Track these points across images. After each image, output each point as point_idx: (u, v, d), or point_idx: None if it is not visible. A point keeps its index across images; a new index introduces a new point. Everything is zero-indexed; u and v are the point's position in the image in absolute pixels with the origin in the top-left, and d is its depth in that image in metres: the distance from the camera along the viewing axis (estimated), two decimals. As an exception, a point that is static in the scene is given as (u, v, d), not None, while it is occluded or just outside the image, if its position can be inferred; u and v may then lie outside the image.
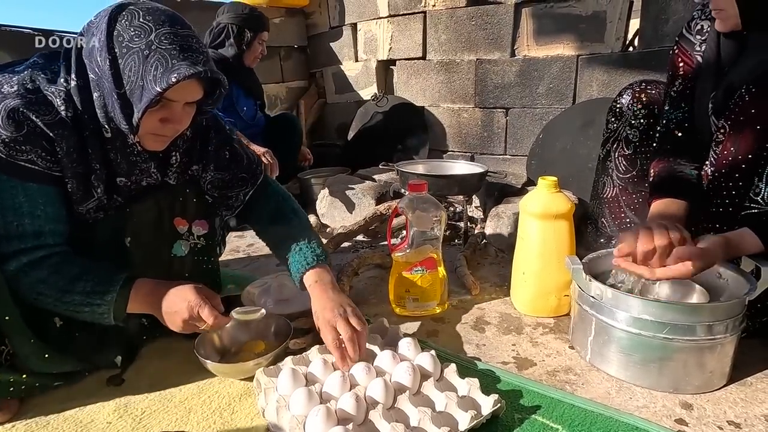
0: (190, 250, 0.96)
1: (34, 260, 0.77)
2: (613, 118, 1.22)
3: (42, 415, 0.79)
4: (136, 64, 0.72)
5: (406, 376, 0.79)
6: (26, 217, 0.76)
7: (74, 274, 0.78)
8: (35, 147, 0.74)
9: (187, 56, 0.73)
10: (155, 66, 0.71)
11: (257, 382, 0.82)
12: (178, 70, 0.71)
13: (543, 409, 0.78)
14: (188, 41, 0.75)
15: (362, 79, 2.59)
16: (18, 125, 0.72)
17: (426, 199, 1.09)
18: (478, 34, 2.11)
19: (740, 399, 0.81)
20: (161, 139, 0.82)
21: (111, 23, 0.73)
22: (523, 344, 0.99)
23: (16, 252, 0.76)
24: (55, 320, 0.84)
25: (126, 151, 0.82)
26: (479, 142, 2.23)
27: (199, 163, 0.95)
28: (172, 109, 0.77)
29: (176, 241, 0.94)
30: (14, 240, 0.76)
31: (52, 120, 0.74)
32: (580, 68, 1.90)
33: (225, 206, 1.04)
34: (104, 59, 0.73)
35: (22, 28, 1.69)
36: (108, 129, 0.78)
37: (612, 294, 0.85)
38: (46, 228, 0.79)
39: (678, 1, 1.65)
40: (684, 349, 0.80)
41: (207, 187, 0.99)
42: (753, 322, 0.92)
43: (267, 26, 1.88)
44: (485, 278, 1.32)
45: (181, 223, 0.93)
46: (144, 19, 0.73)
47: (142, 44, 0.72)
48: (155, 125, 0.78)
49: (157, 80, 0.71)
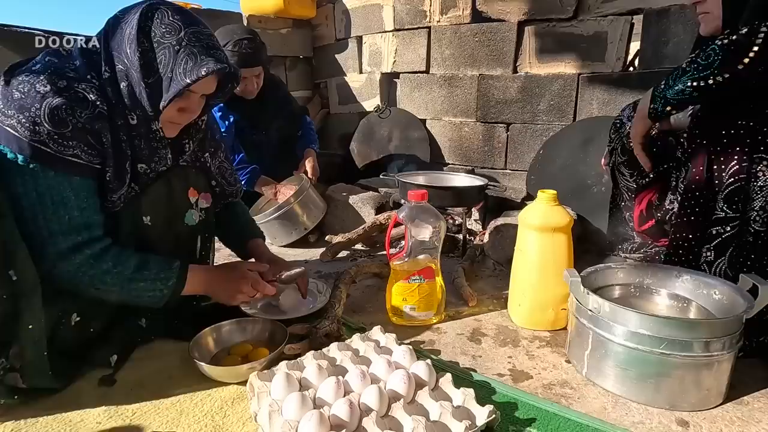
0: (199, 221, 1.01)
1: (95, 253, 0.81)
2: (613, 131, 1.28)
3: (31, 414, 0.78)
4: (167, 58, 0.80)
5: (401, 384, 0.79)
6: (75, 210, 0.80)
7: (135, 264, 0.85)
8: (80, 142, 0.78)
9: (213, 53, 0.82)
10: (185, 60, 0.79)
11: (250, 386, 0.81)
12: (207, 65, 0.80)
13: (538, 422, 0.78)
14: (211, 40, 0.84)
15: (366, 91, 2.62)
16: (62, 122, 0.76)
17: (426, 209, 1.09)
18: (481, 50, 2.14)
19: (737, 418, 0.80)
20: (176, 126, 0.91)
21: (142, 19, 0.79)
22: (519, 357, 0.99)
23: (78, 245, 0.80)
24: (73, 317, 0.87)
25: (149, 136, 0.88)
26: (480, 156, 2.24)
27: (208, 150, 1.04)
28: (190, 99, 0.87)
29: (188, 210, 0.99)
30: (71, 234, 0.79)
31: (92, 114, 0.79)
32: (581, 86, 1.93)
33: (222, 198, 1.11)
34: (134, 51, 0.79)
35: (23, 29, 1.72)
36: (134, 116, 0.84)
37: (609, 308, 0.85)
38: (93, 219, 0.83)
39: (678, 24, 1.68)
40: (681, 366, 0.80)
41: (215, 172, 1.07)
42: (750, 341, 0.92)
43: (253, 62, 1.61)
44: (483, 290, 1.31)
45: (194, 194, 1.00)
46: (173, 18, 0.81)
47: (173, 40, 0.80)
48: (174, 114, 0.87)
49: (187, 73, 0.79)
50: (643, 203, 1.17)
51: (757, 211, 0.87)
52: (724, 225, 0.92)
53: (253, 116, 1.77)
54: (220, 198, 1.11)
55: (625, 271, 1.04)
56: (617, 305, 0.84)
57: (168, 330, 1.00)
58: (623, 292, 1.03)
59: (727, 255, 0.92)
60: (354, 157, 2.56)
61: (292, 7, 2.45)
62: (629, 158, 1.25)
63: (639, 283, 1.03)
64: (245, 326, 1.00)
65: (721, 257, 0.92)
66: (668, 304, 0.99)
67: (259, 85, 1.73)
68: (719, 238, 0.92)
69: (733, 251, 0.91)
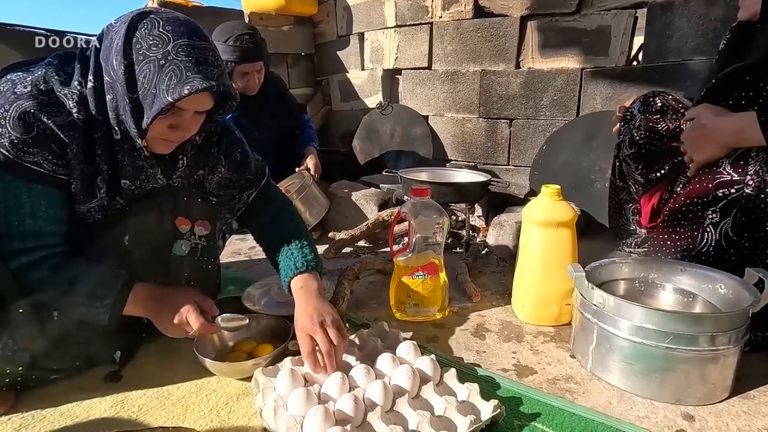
0: (191, 251, 0.95)
1: (33, 261, 0.77)
2: (623, 124, 1.26)
3: (38, 408, 0.79)
4: (151, 73, 0.73)
5: (406, 379, 0.79)
6: (27, 217, 0.76)
7: (73, 275, 0.79)
8: (42, 150, 0.75)
9: (201, 69, 0.74)
10: (169, 76, 0.73)
11: (255, 381, 0.81)
12: (191, 83, 0.73)
13: (543, 416, 0.78)
14: (204, 54, 0.76)
15: (368, 88, 2.61)
16: (28, 127, 0.73)
17: (429, 205, 1.09)
18: (483, 45, 2.13)
19: (743, 412, 0.80)
20: (169, 143, 0.83)
21: (130, 29, 0.74)
22: (523, 352, 0.99)
23: (16, 252, 0.77)
24: (53, 314, 0.84)
25: (133, 154, 0.83)
26: (483, 152, 2.24)
27: (205, 167, 0.97)
28: (181, 116, 0.79)
29: (177, 240, 0.93)
30: (15, 239, 0.77)
31: (64, 122, 0.75)
32: (584, 81, 1.92)
33: (228, 207, 1.04)
34: (119, 63, 0.74)
35: (26, 27, 1.72)
36: (117, 131, 0.79)
37: (614, 302, 0.84)
38: (47, 229, 0.79)
39: (682, 17, 1.67)
40: (686, 360, 0.79)
41: (213, 187, 0.99)
42: (756, 335, 0.92)
43: (254, 57, 1.62)
44: (486, 286, 1.31)
45: (184, 223, 0.93)
46: (163, 29, 0.74)
47: (159, 54, 0.73)
48: (164, 130, 0.79)
49: (170, 91, 0.72)
50: (654, 198, 1.16)
51: (750, 176, 0.88)
52: (729, 187, 0.91)
53: (254, 113, 1.77)
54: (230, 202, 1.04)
55: (630, 266, 1.03)
56: (622, 300, 0.84)
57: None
58: (628, 286, 1.03)
59: (731, 216, 0.91)
60: (356, 153, 2.56)
61: (293, 4, 2.45)
62: (637, 151, 1.23)
63: (644, 277, 1.02)
64: (249, 322, 1.00)
65: (726, 218, 0.92)
66: (673, 298, 0.99)
67: (260, 81, 1.72)
68: (725, 200, 0.92)
69: (737, 212, 0.91)
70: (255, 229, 1.07)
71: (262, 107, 1.78)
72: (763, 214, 0.88)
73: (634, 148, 1.25)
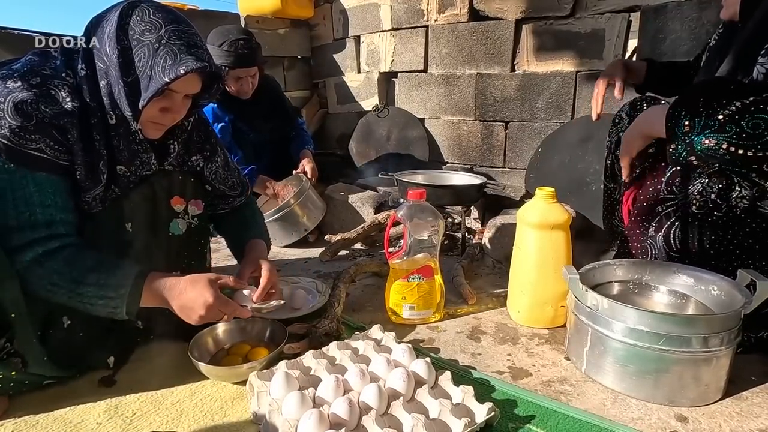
0: (186, 230, 0.99)
1: (48, 250, 0.77)
2: (612, 127, 1.28)
3: (31, 414, 0.78)
4: (146, 56, 0.77)
5: (400, 382, 0.79)
6: (37, 206, 0.77)
7: (88, 265, 0.78)
8: (44, 136, 0.76)
9: (193, 52, 0.79)
10: (164, 59, 0.77)
11: (250, 385, 0.81)
12: (186, 63, 0.77)
13: (537, 418, 0.78)
14: (193, 39, 0.81)
15: (364, 91, 2.62)
16: (26, 116, 0.74)
17: (424, 207, 1.09)
18: (478, 48, 2.14)
19: (736, 413, 0.80)
20: (159, 127, 0.87)
21: (122, 17, 0.78)
22: (518, 354, 0.99)
23: (31, 242, 0.77)
24: (63, 319, 0.85)
25: (129, 138, 0.86)
26: (478, 154, 2.24)
27: (199, 153, 1.01)
28: (173, 99, 0.84)
29: (173, 219, 0.96)
30: (27, 230, 0.77)
31: (59, 110, 0.77)
32: (579, 84, 1.93)
33: (222, 199, 1.09)
34: (113, 49, 0.77)
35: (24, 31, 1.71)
36: (113, 115, 0.82)
37: (608, 304, 0.85)
38: (57, 217, 0.80)
39: (675, 20, 1.68)
40: (679, 361, 0.80)
41: (210, 177, 1.04)
42: (749, 337, 0.92)
43: (249, 62, 1.62)
44: (482, 288, 1.32)
45: (178, 202, 0.97)
46: (154, 16, 0.79)
47: (153, 38, 0.77)
48: (156, 114, 0.83)
49: (166, 71, 0.77)
50: (629, 200, 1.17)
51: (693, 195, 0.91)
52: (662, 204, 0.98)
53: (249, 116, 1.77)
54: (221, 201, 1.08)
55: (624, 268, 1.04)
56: (616, 302, 0.84)
57: (166, 330, 1.00)
58: (622, 288, 1.03)
59: (663, 230, 0.97)
60: (353, 156, 2.56)
61: (289, 7, 2.45)
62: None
63: (637, 279, 1.03)
64: (244, 326, 1.00)
65: (658, 232, 0.98)
66: (667, 300, 0.99)
67: (254, 85, 1.72)
68: (659, 216, 0.98)
69: (670, 227, 0.96)
70: (225, 229, 1.14)
71: (257, 111, 1.79)
72: (720, 231, 0.90)
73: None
